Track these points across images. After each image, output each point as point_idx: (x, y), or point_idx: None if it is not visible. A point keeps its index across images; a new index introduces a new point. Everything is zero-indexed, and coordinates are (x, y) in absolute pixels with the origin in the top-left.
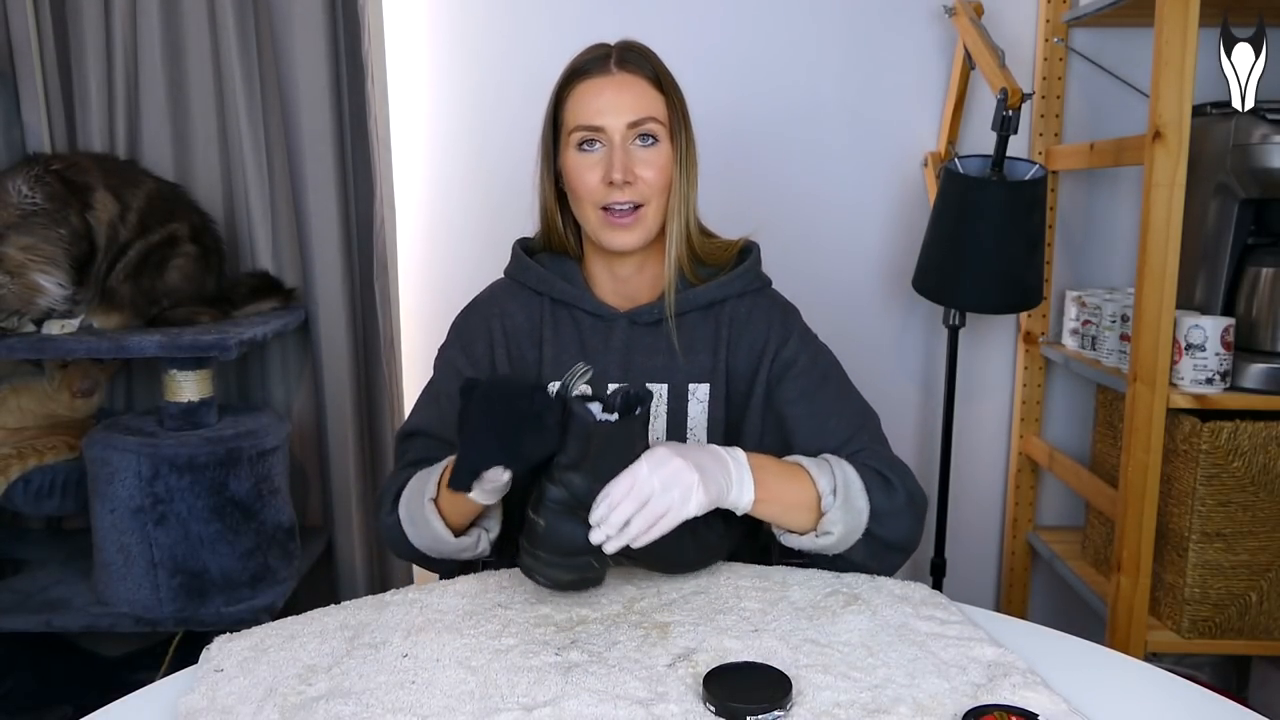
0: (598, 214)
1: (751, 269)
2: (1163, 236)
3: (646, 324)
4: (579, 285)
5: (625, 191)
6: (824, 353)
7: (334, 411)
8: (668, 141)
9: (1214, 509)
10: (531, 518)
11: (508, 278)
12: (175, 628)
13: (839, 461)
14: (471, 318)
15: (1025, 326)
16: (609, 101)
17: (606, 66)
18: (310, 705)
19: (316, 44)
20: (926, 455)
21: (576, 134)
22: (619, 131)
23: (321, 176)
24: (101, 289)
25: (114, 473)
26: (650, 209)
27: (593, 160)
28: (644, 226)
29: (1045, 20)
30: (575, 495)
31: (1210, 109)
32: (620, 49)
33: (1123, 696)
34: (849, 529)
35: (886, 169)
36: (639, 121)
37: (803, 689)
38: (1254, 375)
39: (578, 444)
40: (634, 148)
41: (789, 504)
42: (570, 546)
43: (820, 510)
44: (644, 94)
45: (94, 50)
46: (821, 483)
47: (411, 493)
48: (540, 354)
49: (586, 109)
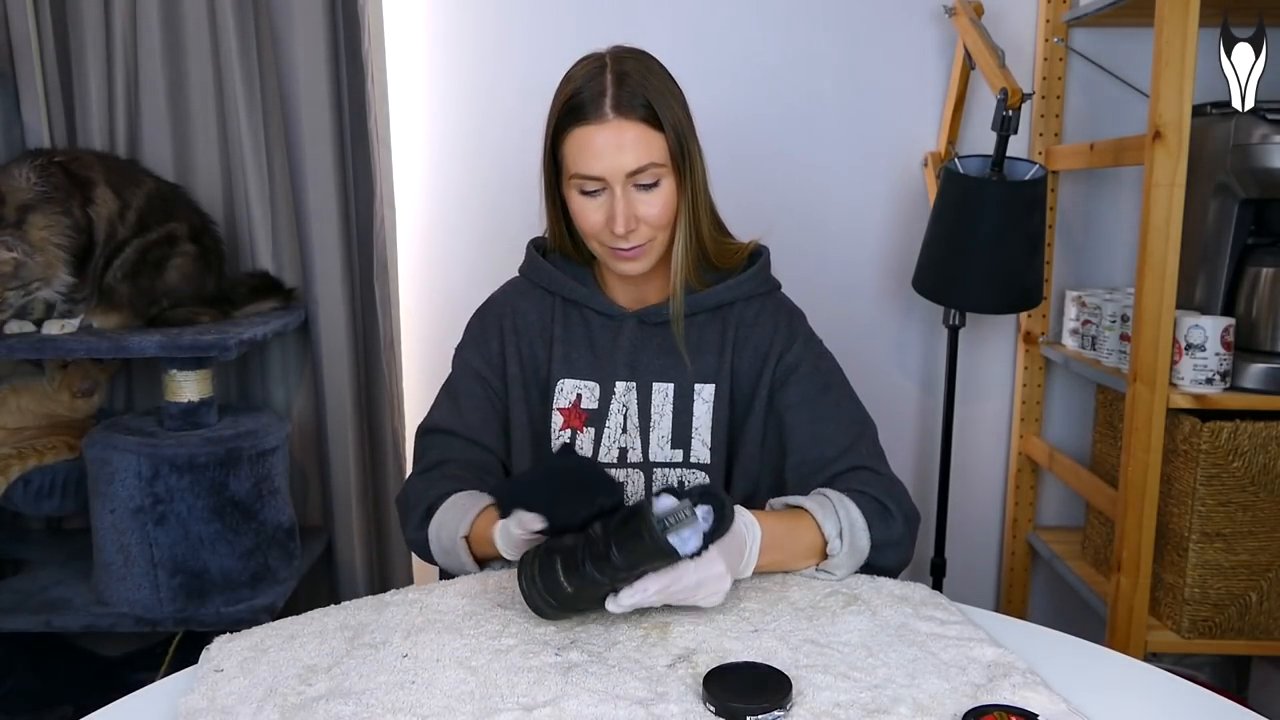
0: (603, 248)
1: (760, 272)
2: (1163, 236)
3: (655, 324)
4: (590, 285)
5: (629, 238)
6: (827, 359)
7: (334, 411)
8: (670, 177)
9: (1214, 509)
10: (561, 579)
11: (521, 276)
12: (175, 628)
13: (840, 499)
14: (485, 317)
15: (1025, 326)
16: (606, 152)
17: (602, 110)
18: (310, 705)
19: (316, 44)
20: (926, 455)
21: (576, 180)
22: (619, 181)
23: (321, 176)
24: (99, 287)
25: (114, 473)
26: (656, 241)
27: (595, 204)
28: (650, 255)
29: (1045, 20)
30: (613, 581)
31: (1210, 109)
32: (616, 81)
33: (1123, 696)
34: (851, 570)
35: (886, 169)
36: (637, 170)
37: (803, 689)
38: (1254, 375)
39: (649, 565)
40: (634, 191)
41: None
42: (582, 609)
43: (826, 554)
44: (640, 139)
45: (94, 50)
46: (827, 527)
47: (444, 521)
48: (550, 352)
49: (584, 158)
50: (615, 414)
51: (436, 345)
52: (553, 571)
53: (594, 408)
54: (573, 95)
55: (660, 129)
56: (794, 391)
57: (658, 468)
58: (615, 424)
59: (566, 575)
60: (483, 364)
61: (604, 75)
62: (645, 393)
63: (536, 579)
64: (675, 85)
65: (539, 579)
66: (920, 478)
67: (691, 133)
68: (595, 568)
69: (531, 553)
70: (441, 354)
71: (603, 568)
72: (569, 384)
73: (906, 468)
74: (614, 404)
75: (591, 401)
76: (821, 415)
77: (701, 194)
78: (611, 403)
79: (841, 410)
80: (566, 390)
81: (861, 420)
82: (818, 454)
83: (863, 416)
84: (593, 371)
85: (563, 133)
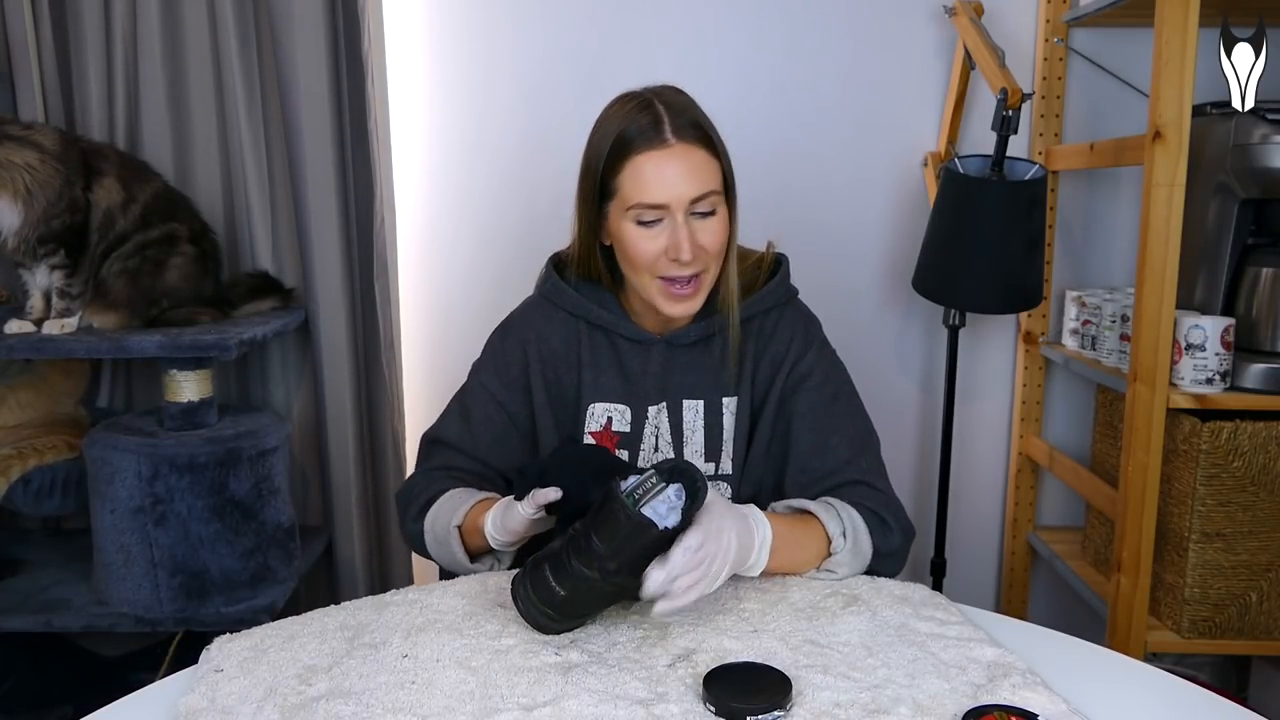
0: (656, 283)
1: (781, 284)
2: (1163, 236)
3: (684, 345)
4: (616, 312)
5: (690, 265)
6: (839, 369)
7: (334, 411)
8: (724, 206)
9: (1214, 509)
10: (552, 584)
11: (542, 297)
12: (175, 628)
13: (844, 506)
14: (507, 341)
15: (1025, 326)
16: (671, 179)
17: (663, 137)
18: (310, 705)
19: (316, 44)
20: (926, 455)
21: (635, 210)
22: (681, 209)
23: (321, 176)
24: (96, 279)
25: (114, 473)
26: (708, 274)
27: (653, 234)
28: (702, 293)
29: (1045, 20)
30: (605, 579)
31: (1210, 109)
32: (671, 112)
33: (1123, 696)
34: (853, 570)
35: (886, 169)
36: (700, 198)
37: (803, 689)
38: (1254, 375)
39: (627, 548)
40: (694, 220)
41: (798, 560)
42: (583, 613)
43: (829, 553)
44: (703, 166)
45: (94, 49)
46: (831, 526)
47: (440, 513)
48: (579, 377)
49: (647, 186)
50: (649, 436)
51: (436, 345)
52: (543, 578)
53: (626, 430)
54: (625, 126)
55: (717, 155)
56: (803, 400)
57: None
58: (649, 445)
59: (556, 578)
60: (500, 388)
61: (654, 106)
62: (676, 411)
63: (530, 594)
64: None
65: (532, 593)
66: (920, 478)
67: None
68: (581, 562)
69: (520, 572)
70: (441, 354)
71: (588, 560)
72: (599, 407)
73: (907, 467)
74: (646, 427)
75: (623, 424)
76: (827, 426)
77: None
78: (644, 426)
79: (847, 423)
80: (597, 414)
81: (866, 433)
82: (819, 465)
83: (868, 430)
84: (623, 395)
85: (618, 163)
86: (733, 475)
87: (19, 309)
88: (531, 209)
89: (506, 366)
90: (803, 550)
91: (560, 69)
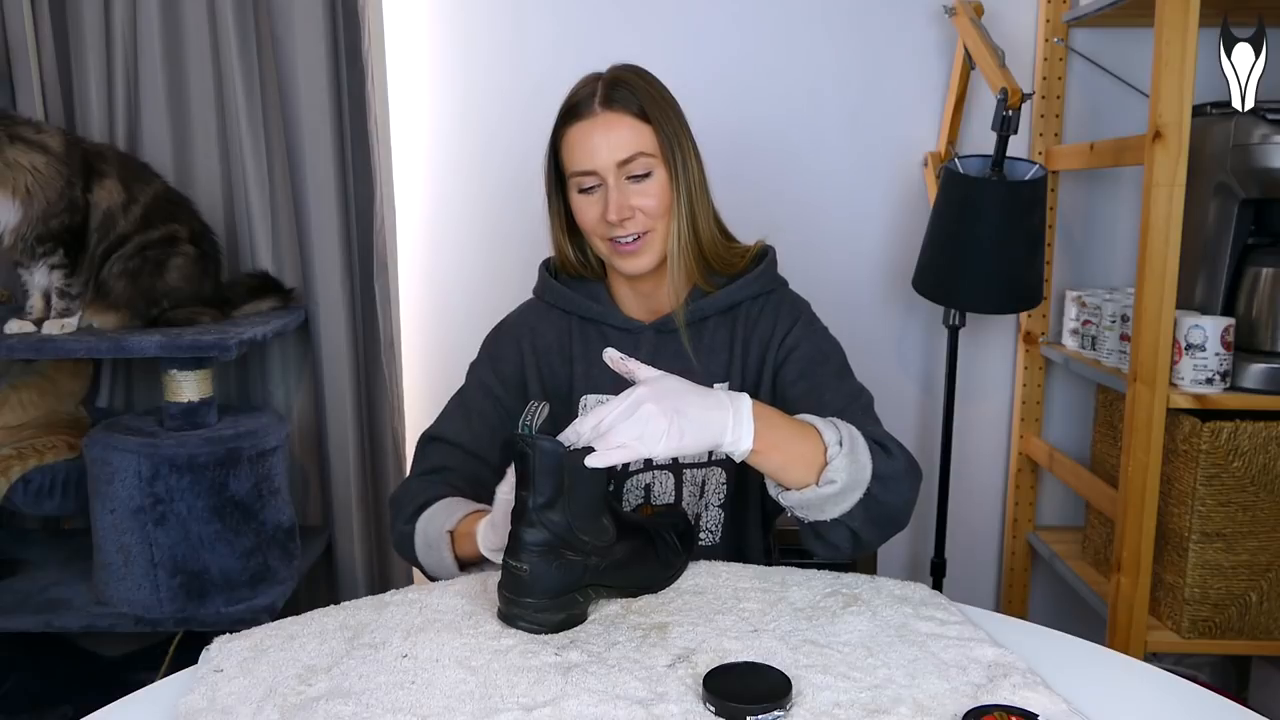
0: (606, 244)
1: (767, 271)
2: (1163, 236)
3: (671, 332)
4: (605, 302)
5: (625, 226)
6: (827, 338)
7: (334, 411)
8: (662, 168)
9: (1214, 509)
10: (514, 567)
11: (536, 298)
12: (175, 628)
13: (842, 422)
14: (502, 338)
15: (1025, 326)
16: (596, 144)
17: (591, 108)
18: (310, 705)
19: (316, 44)
20: (926, 455)
21: (575, 179)
22: (610, 171)
23: (321, 176)
24: (96, 280)
25: (114, 473)
26: (656, 233)
27: (592, 200)
28: (653, 250)
29: (1045, 20)
30: (556, 534)
31: (1210, 109)
32: (606, 84)
33: (1123, 696)
34: (852, 480)
35: (886, 169)
36: (627, 160)
37: (803, 689)
38: (1254, 375)
39: (549, 480)
40: (628, 184)
41: (792, 455)
42: (558, 587)
43: (825, 461)
44: (629, 130)
45: (94, 50)
46: (827, 434)
47: (433, 516)
48: (571, 370)
49: (578, 154)
50: None
51: (436, 345)
52: (506, 566)
53: None
54: (566, 105)
55: (648, 120)
56: (792, 369)
57: (686, 469)
58: None
59: (514, 558)
60: (496, 382)
61: (596, 82)
62: None
63: (503, 589)
64: (668, 92)
65: (504, 589)
66: None
67: (683, 130)
68: (523, 525)
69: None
70: (441, 354)
71: (527, 517)
72: (592, 399)
73: None
74: None
75: None
76: (818, 385)
77: (698, 192)
78: None
79: (839, 381)
80: (589, 406)
81: (858, 390)
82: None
83: (860, 388)
84: (614, 386)
85: (559, 137)
86: (727, 460)
87: (19, 309)
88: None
89: (502, 363)
90: (797, 442)
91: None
